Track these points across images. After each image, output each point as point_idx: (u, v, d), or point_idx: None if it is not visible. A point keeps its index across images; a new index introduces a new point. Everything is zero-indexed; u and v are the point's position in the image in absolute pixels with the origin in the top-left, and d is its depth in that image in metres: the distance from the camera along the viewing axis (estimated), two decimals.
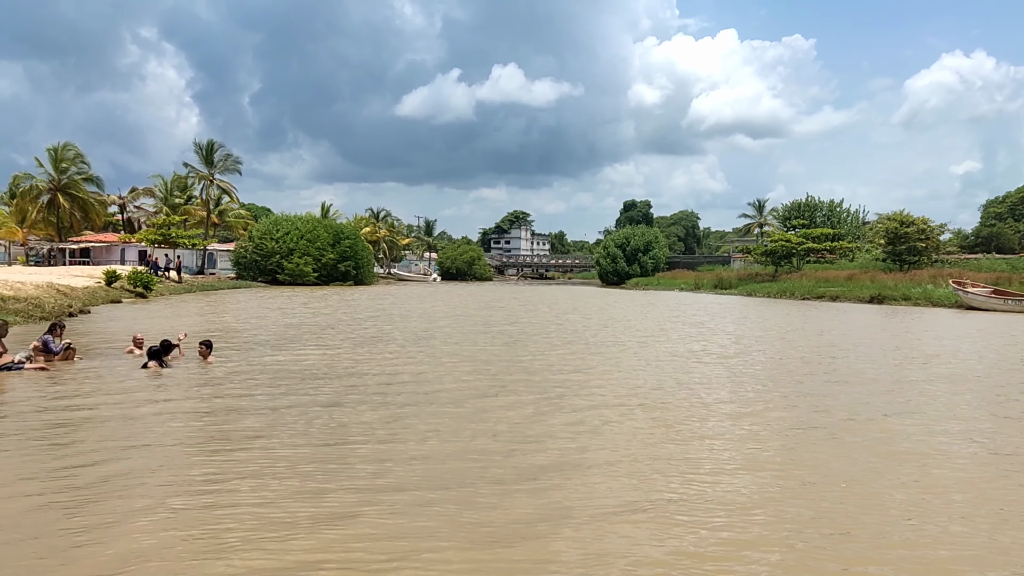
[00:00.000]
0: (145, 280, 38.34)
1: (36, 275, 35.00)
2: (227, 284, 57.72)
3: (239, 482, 6.35)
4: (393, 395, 10.68)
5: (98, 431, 8.26)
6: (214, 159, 67.01)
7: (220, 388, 10.98)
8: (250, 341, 17.57)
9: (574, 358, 15.27)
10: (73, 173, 67.04)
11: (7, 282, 26.53)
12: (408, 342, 18.15)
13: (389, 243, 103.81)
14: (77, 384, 11.14)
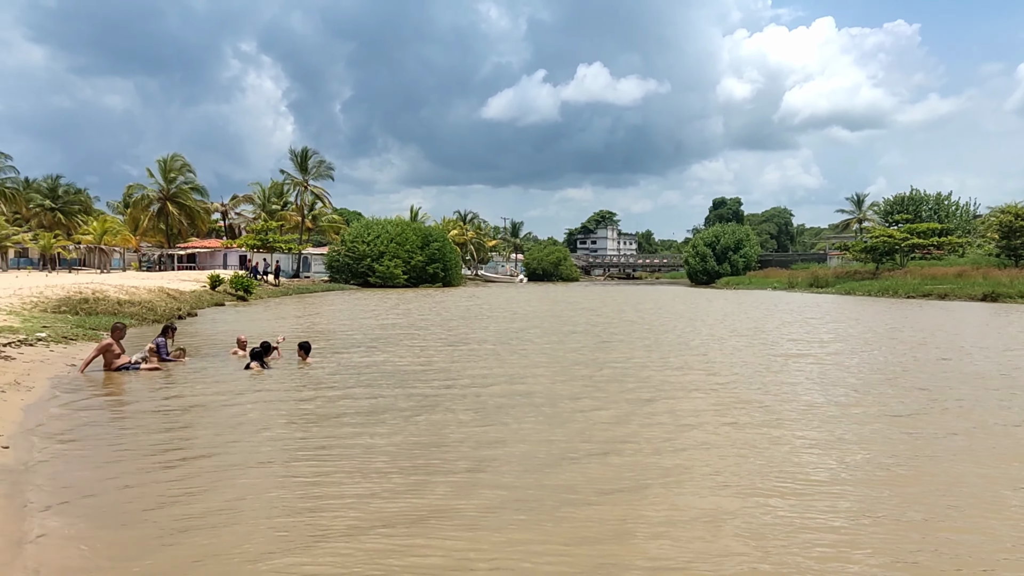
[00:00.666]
0: (245, 284, 39.94)
1: (148, 280, 36.93)
2: (321, 287, 59.51)
3: (341, 476, 6.56)
4: (487, 395, 10.81)
5: (207, 427, 8.70)
6: (308, 166, 69.20)
7: (319, 387, 11.36)
8: (345, 342, 18.09)
9: (666, 358, 15.10)
10: (180, 183, 70.47)
11: (123, 287, 28.10)
12: (498, 343, 18.31)
13: (476, 245, 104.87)
14: (187, 383, 11.72)
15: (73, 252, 71.73)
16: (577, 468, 6.94)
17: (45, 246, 66.42)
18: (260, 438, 8.14)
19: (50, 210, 76.54)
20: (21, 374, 11.41)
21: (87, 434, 8.21)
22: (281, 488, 6.30)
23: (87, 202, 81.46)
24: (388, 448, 7.64)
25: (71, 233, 73.07)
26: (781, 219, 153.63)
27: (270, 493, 6.13)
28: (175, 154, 70.64)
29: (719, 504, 5.88)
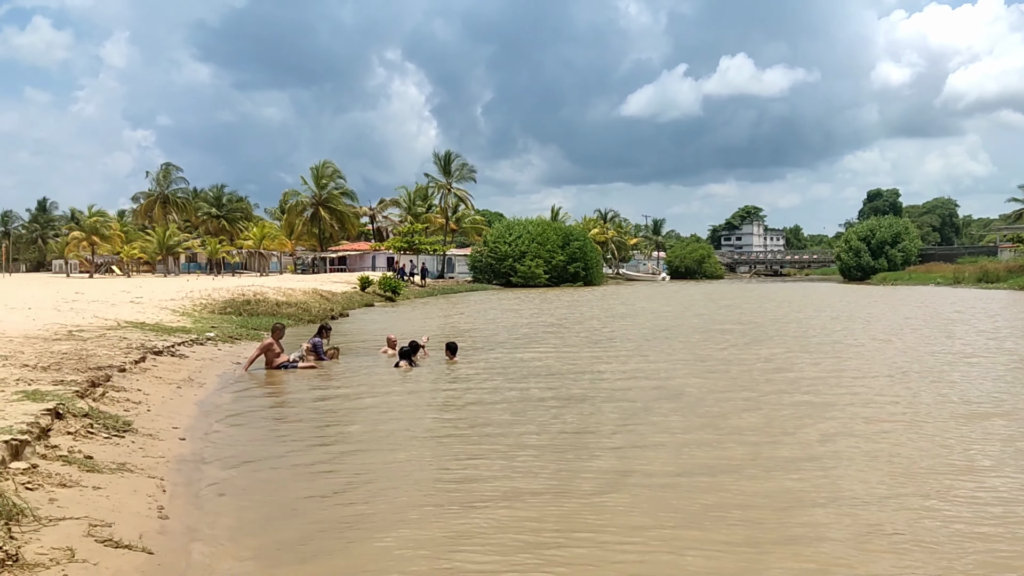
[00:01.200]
0: (393, 285, 41.39)
1: (303, 282, 38.99)
2: (464, 287, 60.82)
3: (489, 469, 6.60)
4: (633, 393, 10.64)
5: (361, 421, 9.08)
6: (451, 169, 70.95)
7: (466, 385, 11.56)
8: (490, 341, 18.33)
9: (820, 359, 14.31)
10: (332, 188, 74.11)
11: (280, 289, 29.81)
12: (643, 341, 18.01)
13: (617, 243, 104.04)
14: (341, 380, 12.23)
15: (236, 256, 76.93)
16: (727, 468, 6.73)
17: (211, 251, 71.65)
18: (410, 432, 8.40)
19: (215, 217, 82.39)
20: (194, 371, 12.24)
21: (253, 428, 8.71)
22: (430, 479, 6.47)
23: (248, 209, 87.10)
24: (535, 443, 7.68)
25: (234, 238, 78.37)
26: (944, 210, 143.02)
27: (419, 484, 6.30)
28: (326, 161, 74.45)
29: (875, 514, 5.44)
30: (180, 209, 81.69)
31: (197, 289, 28.63)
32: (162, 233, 70.62)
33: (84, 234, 70.27)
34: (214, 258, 73.10)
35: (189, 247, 74.43)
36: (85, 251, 71.60)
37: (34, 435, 5.88)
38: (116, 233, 71.87)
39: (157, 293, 27.71)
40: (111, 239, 70.94)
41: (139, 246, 71.98)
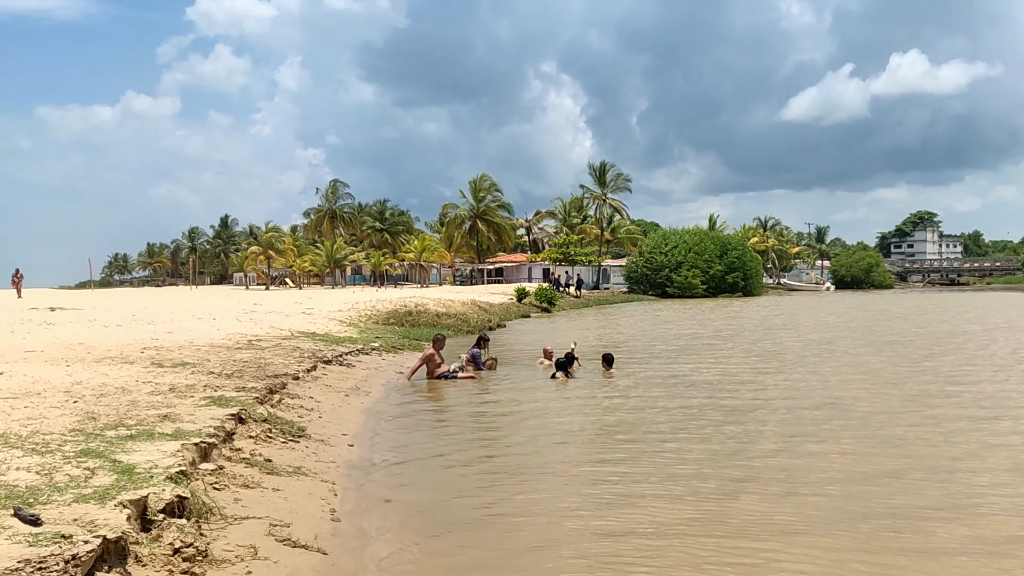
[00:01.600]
0: (549, 296, 41.66)
1: (461, 294, 40.01)
2: (620, 298, 60.33)
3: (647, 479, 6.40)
4: (798, 408, 10.08)
5: (520, 430, 9.15)
6: (606, 179, 70.72)
7: (623, 396, 11.37)
8: (647, 353, 18.00)
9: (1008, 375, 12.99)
10: (489, 201, 75.81)
11: (440, 300, 30.71)
12: (807, 354, 17.08)
13: (778, 252, 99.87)
14: (500, 391, 12.37)
15: (398, 268, 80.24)
16: (900, 487, 6.32)
17: (375, 264, 75.09)
18: (568, 442, 8.39)
19: (379, 231, 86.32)
20: (360, 380, 12.78)
21: (417, 436, 8.94)
22: (589, 490, 6.41)
23: (409, 222, 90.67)
24: (696, 456, 7.46)
25: (396, 251, 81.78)
26: None
27: (578, 494, 6.26)
28: (484, 174, 76.27)
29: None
30: (347, 224, 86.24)
31: (362, 300, 30.00)
32: (330, 247, 74.86)
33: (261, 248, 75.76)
34: (377, 270, 76.59)
35: (355, 260, 78.39)
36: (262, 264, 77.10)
37: (220, 438, 6.29)
38: (289, 247, 76.96)
39: (326, 304, 29.28)
40: (285, 253, 76.05)
41: (309, 259, 76.66)
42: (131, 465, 4.80)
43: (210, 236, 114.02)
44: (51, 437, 5.49)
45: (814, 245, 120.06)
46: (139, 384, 8.54)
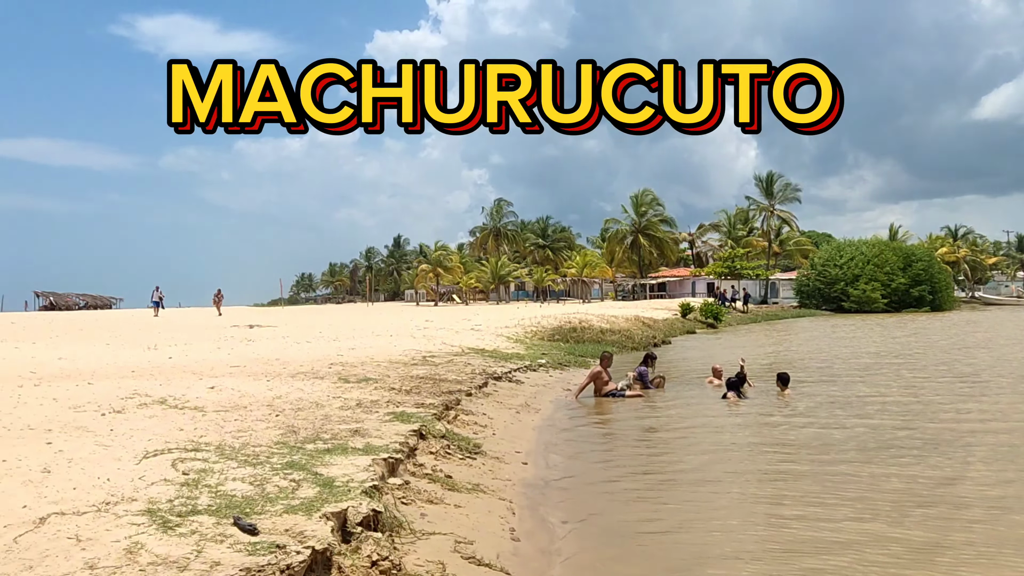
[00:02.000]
0: (715, 311, 40.57)
1: (624, 309, 39.78)
2: (790, 313, 57.73)
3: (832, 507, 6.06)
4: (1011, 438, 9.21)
5: (690, 451, 8.98)
6: (773, 190, 68.12)
7: (802, 419, 10.88)
8: (825, 372, 17.11)
9: None
10: (651, 215, 75.00)
11: (604, 316, 30.68)
12: (1014, 376, 15.59)
13: (971, 263, 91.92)
14: (668, 410, 12.18)
15: (560, 284, 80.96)
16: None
17: (538, 280, 76.18)
18: (743, 467, 8.15)
19: (541, 247, 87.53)
20: (529, 397, 12.99)
21: (588, 455, 8.99)
22: (766, 520, 6.19)
23: (570, 239, 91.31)
24: (890, 487, 7.00)
25: (558, 267, 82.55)
26: None
27: (756, 524, 6.07)
28: (646, 189, 75.56)
29: None
30: (510, 241, 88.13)
31: (527, 317, 30.50)
32: (495, 264, 76.79)
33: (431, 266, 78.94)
34: (540, 286, 77.65)
35: (518, 276, 79.90)
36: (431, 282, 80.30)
37: (405, 454, 6.61)
38: (456, 265, 79.71)
39: (492, 320, 30.01)
40: (452, 270, 78.84)
41: (475, 276, 78.99)
42: (331, 478, 5.15)
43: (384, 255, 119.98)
44: (259, 449, 5.99)
45: (1014, 255, 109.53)
46: (330, 399, 9.13)
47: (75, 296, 77.91)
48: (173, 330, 23.63)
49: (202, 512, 4.23)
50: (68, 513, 4.10)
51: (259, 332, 22.81)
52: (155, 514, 4.14)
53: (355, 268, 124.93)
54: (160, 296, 41.99)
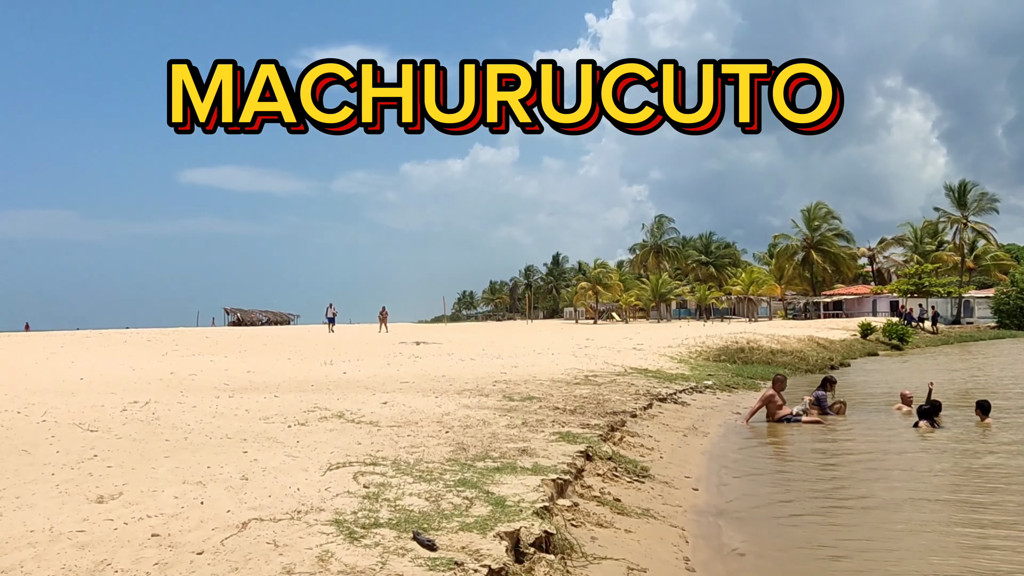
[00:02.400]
0: (900, 332, 37.86)
1: (796, 329, 37.96)
2: (988, 334, 52.88)
3: None
4: None
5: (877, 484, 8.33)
6: (967, 200, 62.89)
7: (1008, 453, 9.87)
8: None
9: None
10: (824, 230, 71.35)
11: (774, 336, 29.40)
12: None
13: None
14: (851, 438, 11.44)
15: (724, 302, 78.42)
16: None
17: (701, 297, 74.21)
18: (940, 492, 7.63)
19: (704, 264, 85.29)
20: (696, 419, 12.62)
21: (762, 483, 8.59)
22: (967, 544, 5.81)
23: (735, 255, 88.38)
24: None
25: (722, 284, 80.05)
26: None
27: (953, 545, 5.75)
28: (819, 202, 72.04)
29: None
30: (671, 258, 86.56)
31: (690, 336, 29.77)
32: (656, 281, 75.61)
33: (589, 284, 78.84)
34: (703, 304, 75.63)
35: (680, 294, 78.22)
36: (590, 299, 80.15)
37: (572, 475, 6.57)
38: (616, 282, 79.12)
39: (654, 339, 29.52)
40: (612, 288, 78.32)
41: (635, 294, 78.08)
42: (502, 497, 5.20)
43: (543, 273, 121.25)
44: (432, 465, 6.16)
45: None
46: (496, 417, 9.28)
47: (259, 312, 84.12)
48: (346, 346, 24.95)
49: (384, 525, 4.39)
50: (265, 519, 4.38)
51: (425, 349, 23.63)
52: (342, 524, 4.34)
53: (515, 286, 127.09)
54: (333, 313, 44.44)
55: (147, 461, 5.99)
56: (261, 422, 8.24)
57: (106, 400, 9.76)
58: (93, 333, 36.57)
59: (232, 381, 12.90)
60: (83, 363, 16.51)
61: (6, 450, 6.36)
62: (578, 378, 15.11)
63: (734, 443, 11.01)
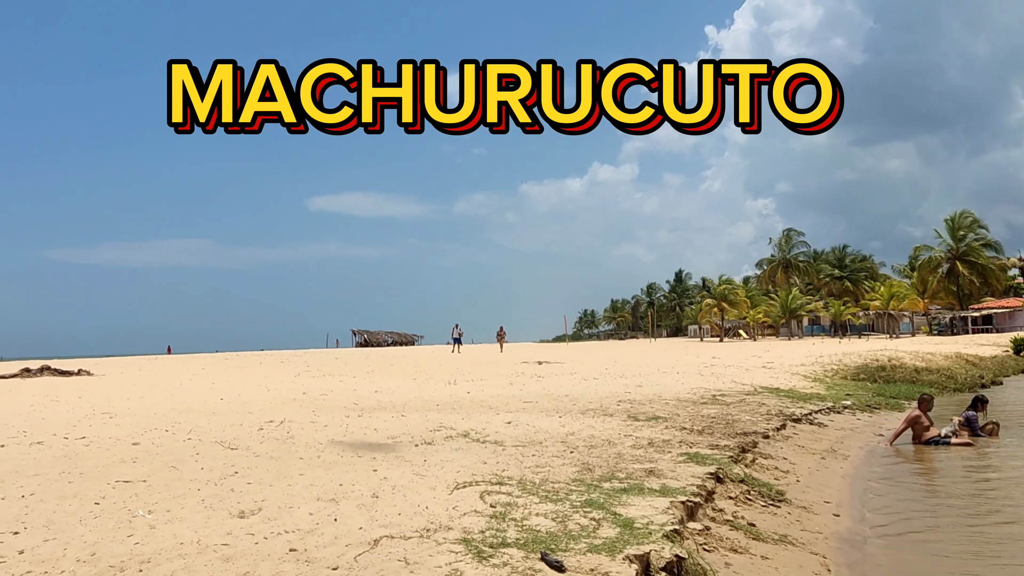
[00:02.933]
0: None
1: (941, 345, 35.61)
2: None
3: None
4: None
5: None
6: None
7: None
8: None
9: None
10: (970, 240, 66.88)
11: (917, 353, 27.66)
12: None
13: None
14: (1006, 463, 10.58)
15: (861, 318, 74.53)
16: None
17: (835, 313, 70.82)
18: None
19: (837, 279, 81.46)
20: (835, 441, 11.99)
21: (909, 510, 8.04)
22: None
23: (872, 268, 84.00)
24: None
25: (858, 299, 76.18)
26: None
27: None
28: (964, 211, 67.68)
29: None
30: (801, 272, 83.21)
31: (825, 353, 28.44)
32: (785, 297, 72.82)
33: (714, 301, 76.86)
34: (838, 320, 72.18)
35: (812, 310, 74.99)
36: (715, 316, 78.07)
37: (702, 497, 6.35)
38: (742, 299, 76.74)
39: (785, 357, 28.38)
40: (738, 304, 76.01)
41: (763, 310, 75.41)
42: (629, 519, 5.07)
43: (666, 291, 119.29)
44: (558, 486, 6.10)
45: None
46: (621, 437, 9.12)
47: (384, 334, 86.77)
48: (468, 366, 25.29)
49: (511, 545, 4.36)
50: (396, 537, 4.44)
51: (547, 369, 23.63)
52: (470, 543, 4.34)
53: (636, 304, 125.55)
54: (459, 333, 45.21)
55: (283, 478, 6.22)
56: (389, 441, 8.42)
57: (244, 419, 10.25)
58: (231, 355, 38.75)
59: (361, 401, 13.29)
60: (222, 384, 17.47)
61: (157, 466, 6.76)
62: (705, 398, 14.70)
63: (877, 466, 10.37)
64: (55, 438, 8.49)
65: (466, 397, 14.17)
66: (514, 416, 10.93)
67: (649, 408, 12.42)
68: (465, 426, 9.64)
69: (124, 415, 10.91)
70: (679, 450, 8.38)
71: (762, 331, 79.82)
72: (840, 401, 16.29)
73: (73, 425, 9.65)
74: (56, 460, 7.09)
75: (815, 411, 14.40)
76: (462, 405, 12.65)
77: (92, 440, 8.34)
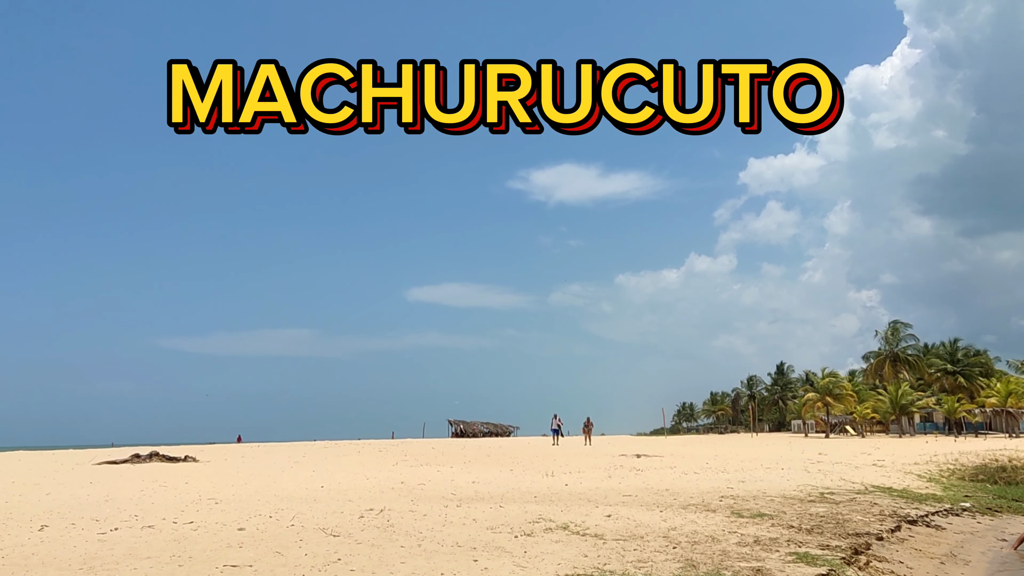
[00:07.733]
0: None
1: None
2: None
3: None
4: None
5: None
6: None
7: None
8: None
9: None
10: None
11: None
12: None
13: None
14: None
15: (977, 416, 70.03)
16: None
17: (949, 410, 66.82)
18: None
19: (950, 373, 77.17)
20: (954, 546, 11.25)
21: None
22: None
23: (987, 363, 79.25)
24: None
25: (973, 396, 71.78)
26: None
27: None
28: None
29: None
30: (911, 367, 79.26)
31: (940, 452, 26.87)
32: (895, 392, 69.27)
33: (818, 395, 73.74)
34: (952, 418, 68.02)
35: (923, 406, 70.99)
36: (820, 411, 74.74)
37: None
38: (848, 393, 73.37)
39: (897, 455, 26.92)
40: (843, 399, 72.66)
41: (871, 405, 71.84)
42: None
43: (767, 383, 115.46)
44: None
45: None
46: (725, 533, 8.84)
47: (480, 424, 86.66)
48: (566, 458, 24.98)
49: None
50: None
51: (646, 462, 23.10)
52: None
53: (737, 396, 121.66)
54: (558, 424, 44.50)
55: (385, 566, 6.32)
56: (488, 531, 8.42)
57: (344, 507, 10.45)
58: (330, 443, 39.47)
59: (458, 491, 13.34)
60: (323, 472, 17.83)
61: (263, 552, 6.98)
62: (812, 495, 14.08)
63: (1001, 573, 9.65)
64: (165, 522, 8.86)
65: (564, 489, 14.02)
66: (614, 509, 10.75)
67: (753, 504, 11.99)
68: (565, 518, 9.55)
69: (229, 501, 11.29)
70: (787, 549, 8.07)
71: (870, 427, 75.81)
72: (958, 503, 15.29)
73: (181, 510, 10.06)
74: (167, 544, 7.40)
75: (932, 512, 13.56)
76: (560, 497, 12.53)
77: (200, 525, 8.66)
